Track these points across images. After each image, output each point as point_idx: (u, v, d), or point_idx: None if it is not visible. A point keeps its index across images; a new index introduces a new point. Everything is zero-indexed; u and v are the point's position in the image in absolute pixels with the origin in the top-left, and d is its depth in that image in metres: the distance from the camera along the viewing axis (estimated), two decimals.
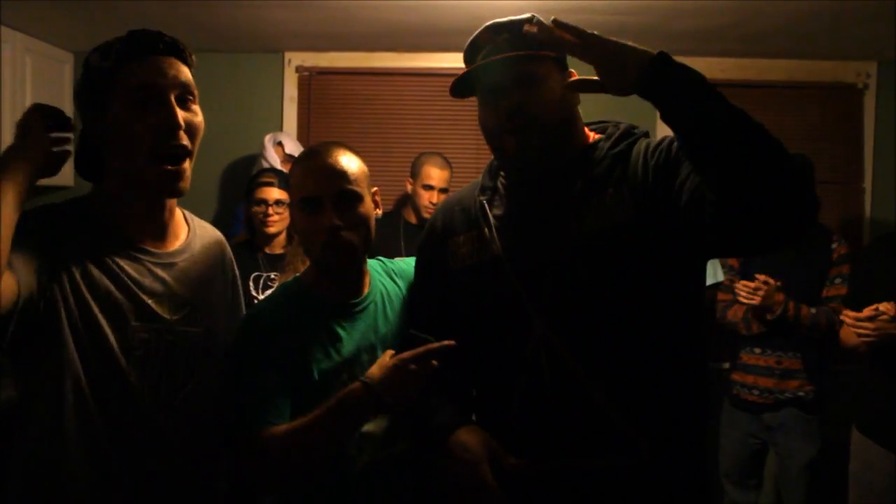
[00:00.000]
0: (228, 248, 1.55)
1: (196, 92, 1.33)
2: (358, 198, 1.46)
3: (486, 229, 1.43)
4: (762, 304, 2.82)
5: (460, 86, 1.45)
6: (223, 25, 3.41)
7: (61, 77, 3.80)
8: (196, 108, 1.33)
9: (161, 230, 1.39)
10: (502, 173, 1.51)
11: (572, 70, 1.45)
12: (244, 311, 1.59)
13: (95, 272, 1.27)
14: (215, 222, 3.55)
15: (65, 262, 1.24)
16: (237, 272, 1.59)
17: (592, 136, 1.47)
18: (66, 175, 3.92)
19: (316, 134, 3.95)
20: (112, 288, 1.28)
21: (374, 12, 3.18)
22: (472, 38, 1.45)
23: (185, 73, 1.30)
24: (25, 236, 1.17)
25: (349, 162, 1.47)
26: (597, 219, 1.34)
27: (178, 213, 1.45)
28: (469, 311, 1.45)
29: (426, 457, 1.49)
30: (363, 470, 1.44)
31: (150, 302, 1.31)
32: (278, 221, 2.97)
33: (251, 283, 2.96)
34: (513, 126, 1.37)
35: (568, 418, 1.33)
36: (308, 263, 1.59)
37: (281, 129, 3.93)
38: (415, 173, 3.38)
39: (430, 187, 3.31)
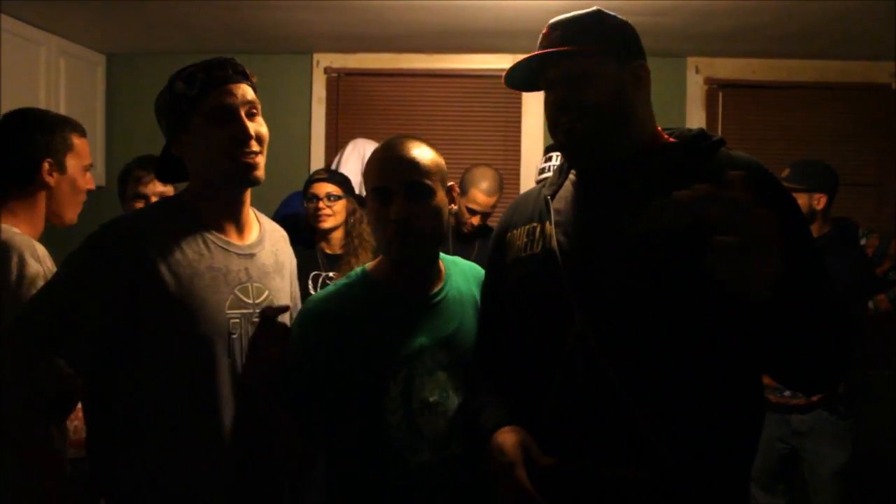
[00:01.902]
0: (289, 244, 1.75)
1: (259, 106, 1.55)
2: (429, 190, 1.45)
3: (547, 223, 1.42)
4: None
5: (517, 79, 1.44)
6: (252, 27, 3.44)
7: (94, 79, 3.87)
8: (260, 119, 1.54)
9: (240, 224, 1.59)
10: (573, 171, 1.50)
11: (642, 62, 1.41)
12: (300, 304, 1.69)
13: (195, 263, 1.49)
14: None
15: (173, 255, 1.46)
16: (295, 267, 1.77)
17: (667, 138, 1.44)
18: (99, 175, 4.01)
19: (344, 135, 3.97)
20: (211, 276, 1.49)
21: (402, 13, 3.19)
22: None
23: (250, 92, 1.53)
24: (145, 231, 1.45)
25: (422, 154, 1.47)
26: (650, 220, 1.28)
27: (250, 210, 1.64)
28: (517, 302, 1.44)
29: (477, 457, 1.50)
30: (417, 470, 1.44)
31: (237, 290, 1.51)
32: (331, 216, 2.97)
33: (310, 282, 2.97)
34: (561, 118, 1.37)
35: (596, 420, 1.30)
36: (361, 261, 1.61)
37: (309, 129, 3.97)
38: (463, 190, 3.24)
39: (473, 212, 3.26)
